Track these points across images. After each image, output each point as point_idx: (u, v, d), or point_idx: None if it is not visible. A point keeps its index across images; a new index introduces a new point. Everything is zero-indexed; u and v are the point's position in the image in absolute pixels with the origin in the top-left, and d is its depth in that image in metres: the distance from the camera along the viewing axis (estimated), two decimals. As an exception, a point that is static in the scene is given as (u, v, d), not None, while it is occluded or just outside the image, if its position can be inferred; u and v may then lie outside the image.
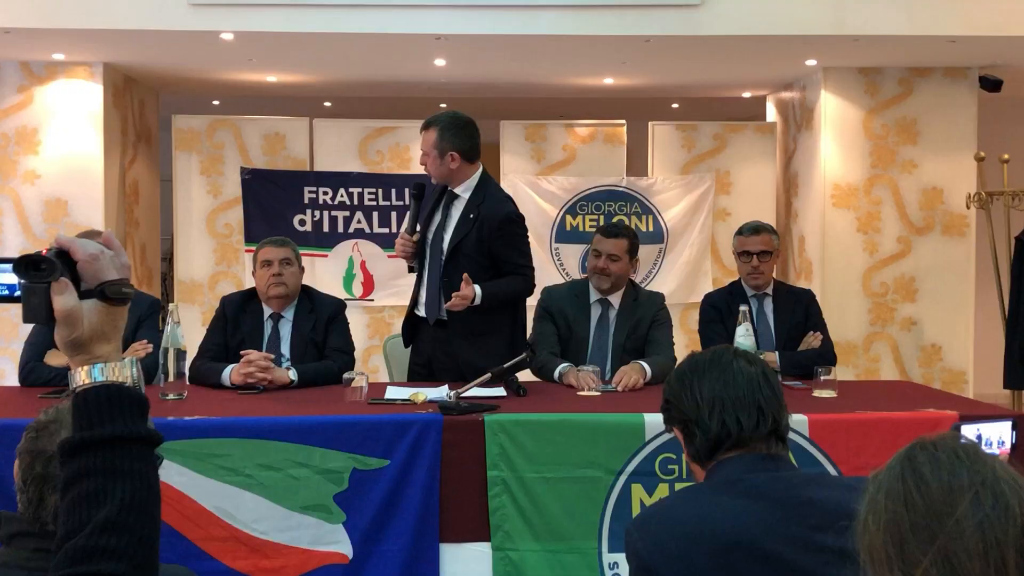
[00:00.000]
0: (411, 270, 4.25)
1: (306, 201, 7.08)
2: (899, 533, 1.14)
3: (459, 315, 4.01)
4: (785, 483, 1.76)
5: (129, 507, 1.19)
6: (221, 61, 6.72)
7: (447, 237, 4.13)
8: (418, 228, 4.20)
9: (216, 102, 9.14)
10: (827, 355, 4.23)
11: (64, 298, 1.23)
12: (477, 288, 3.97)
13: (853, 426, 3.34)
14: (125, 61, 6.72)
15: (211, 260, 7.16)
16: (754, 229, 4.42)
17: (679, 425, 1.89)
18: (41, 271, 1.23)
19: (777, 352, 4.21)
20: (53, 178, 6.64)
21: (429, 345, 4.18)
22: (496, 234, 4.11)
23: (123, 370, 1.27)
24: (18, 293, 1.26)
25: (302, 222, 7.07)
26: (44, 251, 1.25)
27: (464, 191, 4.18)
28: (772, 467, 1.80)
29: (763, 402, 1.84)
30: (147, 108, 7.75)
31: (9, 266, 1.26)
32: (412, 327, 4.28)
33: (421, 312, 4.20)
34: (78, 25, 5.62)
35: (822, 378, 3.78)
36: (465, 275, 3.95)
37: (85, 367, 1.25)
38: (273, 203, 7.04)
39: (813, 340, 4.26)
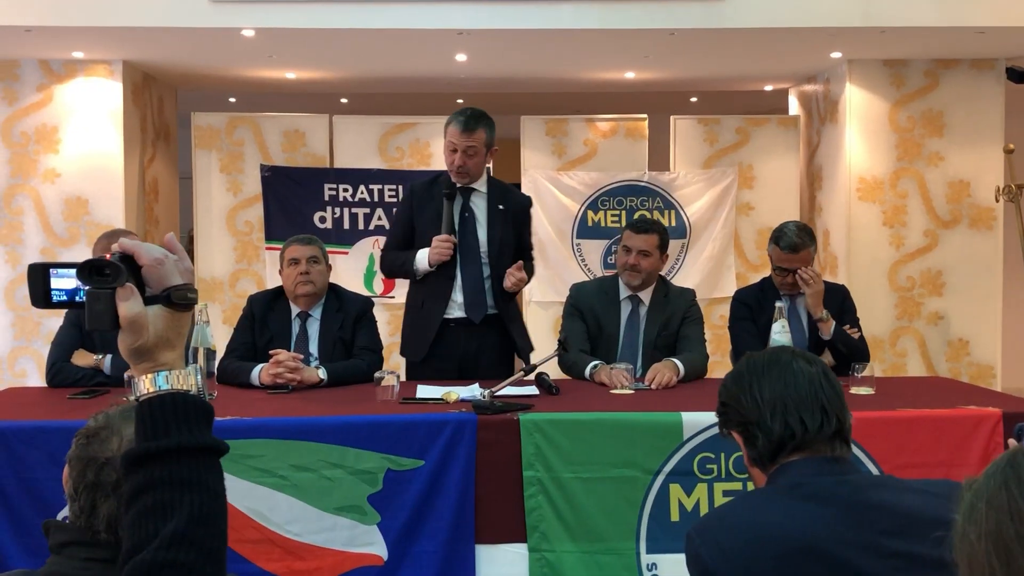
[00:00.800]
0: (413, 277, 4.23)
1: (326, 198, 7.04)
2: (1004, 544, 1.08)
3: (505, 304, 4.20)
4: (852, 487, 1.71)
5: (197, 519, 1.15)
6: (241, 58, 6.68)
7: (482, 233, 4.11)
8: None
9: (232, 99, 9.10)
10: (864, 351, 4.17)
11: (129, 304, 1.19)
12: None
13: (894, 424, 3.29)
14: (144, 59, 6.69)
15: (231, 258, 7.13)
16: (793, 247, 4.16)
17: (738, 428, 1.84)
18: (105, 276, 1.19)
19: (834, 323, 4.15)
20: (73, 177, 6.62)
21: (462, 346, 4.14)
22: (523, 220, 4.34)
23: (187, 378, 1.23)
24: (79, 298, 1.22)
25: (322, 219, 7.04)
26: (108, 256, 1.21)
27: (481, 185, 4.23)
28: (837, 470, 1.75)
29: (826, 402, 1.79)
30: (166, 105, 7.72)
31: (71, 271, 1.21)
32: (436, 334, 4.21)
33: (457, 314, 4.15)
34: (97, 22, 5.58)
35: (859, 375, 3.73)
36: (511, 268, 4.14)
37: (149, 375, 1.21)
38: (293, 200, 7.01)
39: (852, 334, 4.20)
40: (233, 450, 3.10)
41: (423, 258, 4.13)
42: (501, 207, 4.15)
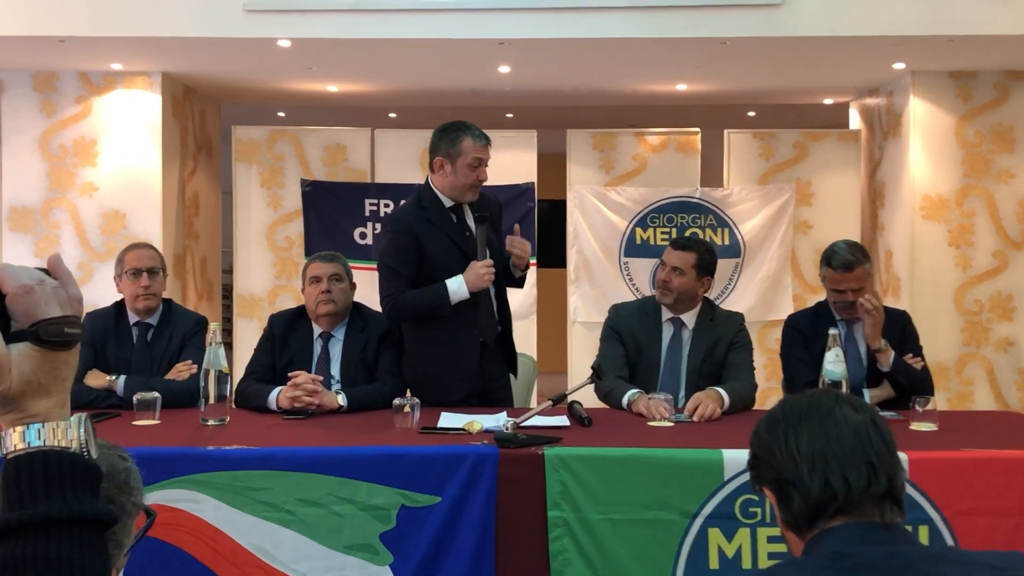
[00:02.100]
0: (437, 312, 3.86)
1: (367, 213, 6.87)
2: None
3: (504, 310, 3.99)
4: (904, 559, 1.43)
5: None
6: (279, 70, 6.54)
7: (486, 250, 3.84)
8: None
9: (281, 114, 9.00)
10: (927, 383, 3.85)
11: None
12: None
13: (960, 466, 2.98)
14: (183, 70, 6.58)
15: (271, 274, 7.00)
16: (847, 265, 3.85)
17: (771, 485, 1.57)
18: None
19: (893, 354, 3.83)
20: (111, 190, 6.53)
21: (484, 371, 3.88)
22: (499, 221, 4.06)
23: (67, 432, 1.00)
24: None
25: (363, 235, 6.87)
26: None
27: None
28: (887, 539, 1.47)
29: (874, 457, 1.51)
30: (208, 119, 7.63)
31: None
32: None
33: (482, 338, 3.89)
34: (131, 33, 5.47)
35: (920, 409, 3.42)
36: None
37: (18, 428, 0.99)
38: (333, 215, 6.86)
39: (914, 363, 3.87)
40: (237, 482, 2.95)
41: (459, 288, 3.75)
42: (487, 214, 3.87)
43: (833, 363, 3.43)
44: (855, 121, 7.71)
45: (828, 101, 7.87)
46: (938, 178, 6.47)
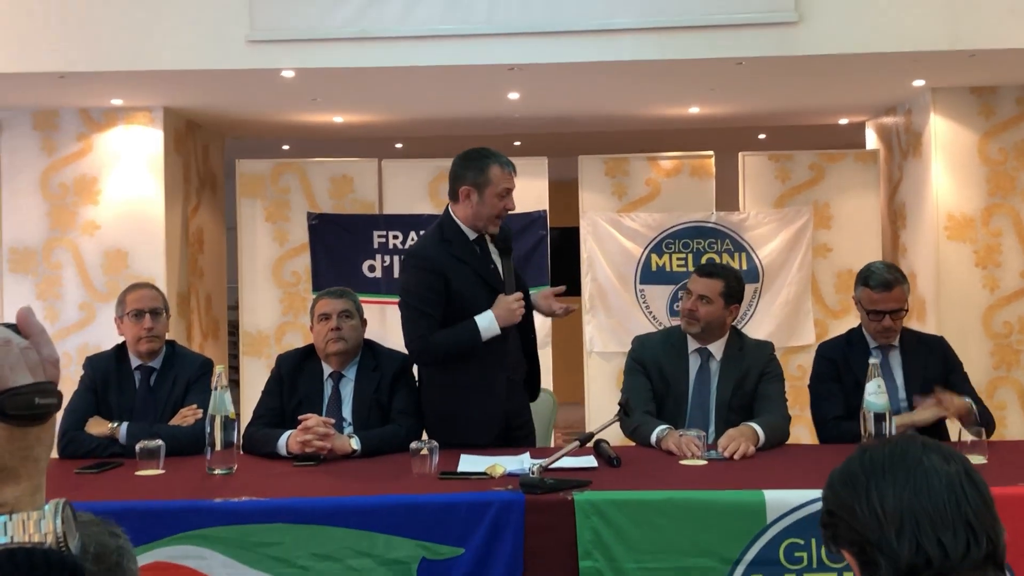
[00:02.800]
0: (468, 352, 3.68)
1: (375, 246, 6.71)
2: None
3: (530, 345, 3.80)
4: (1015, 636, 1.24)
5: None
6: (285, 101, 6.40)
7: (514, 283, 3.67)
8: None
9: (286, 147, 8.87)
10: (992, 423, 3.62)
11: None
12: None
13: (1019, 503, 2.78)
14: (185, 104, 6.45)
15: (278, 310, 6.83)
16: (885, 284, 3.69)
17: (851, 548, 1.38)
18: None
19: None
20: (113, 228, 6.37)
21: (504, 408, 3.69)
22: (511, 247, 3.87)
23: (40, 524, 0.83)
24: None
25: (371, 268, 6.71)
26: None
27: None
28: (993, 611, 1.28)
29: (972, 516, 1.33)
30: (212, 153, 7.49)
31: None
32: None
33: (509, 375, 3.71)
34: (132, 67, 5.33)
35: (968, 440, 3.22)
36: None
37: None
38: (341, 249, 6.70)
39: (962, 400, 3.62)
40: (247, 537, 2.75)
41: (490, 325, 3.53)
42: (509, 246, 3.71)
43: (875, 394, 3.25)
44: (871, 141, 7.55)
45: (843, 121, 7.71)
46: (962, 197, 6.30)
